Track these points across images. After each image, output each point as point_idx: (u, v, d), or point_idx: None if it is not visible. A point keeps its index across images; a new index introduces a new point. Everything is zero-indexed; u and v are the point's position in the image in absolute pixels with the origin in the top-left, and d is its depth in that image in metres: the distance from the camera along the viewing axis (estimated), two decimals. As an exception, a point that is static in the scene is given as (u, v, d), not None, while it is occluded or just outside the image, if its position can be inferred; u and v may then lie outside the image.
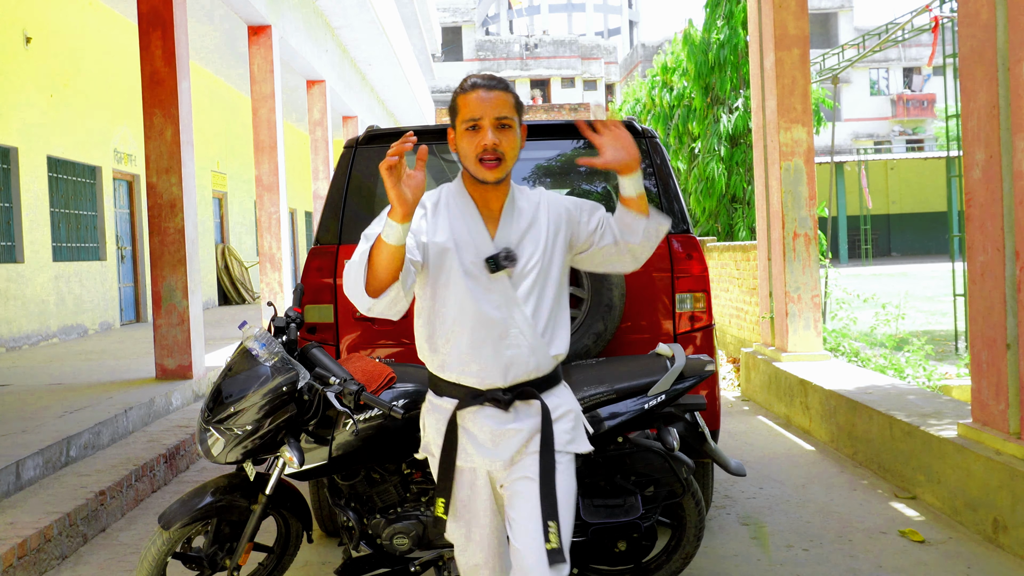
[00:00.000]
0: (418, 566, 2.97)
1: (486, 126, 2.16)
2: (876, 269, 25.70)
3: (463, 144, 2.20)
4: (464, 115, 2.18)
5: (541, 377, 2.25)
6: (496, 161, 2.17)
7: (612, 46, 50.55)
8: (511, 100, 2.21)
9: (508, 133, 2.19)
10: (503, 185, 2.25)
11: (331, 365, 2.82)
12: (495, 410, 2.22)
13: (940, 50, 12.84)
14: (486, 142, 2.15)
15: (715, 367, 3.20)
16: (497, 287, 2.20)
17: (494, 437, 2.22)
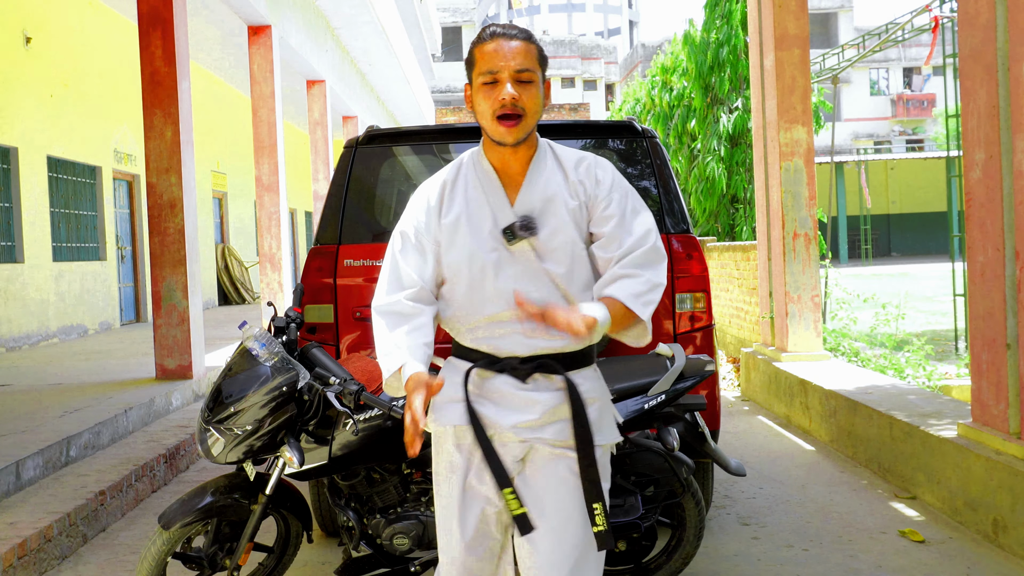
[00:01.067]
0: (418, 566, 2.97)
1: (505, 79, 1.95)
2: (876, 269, 25.70)
3: (479, 100, 1.99)
4: (481, 67, 1.98)
5: (567, 353, 2.03)
6: (515, 119, 1.96)
7: (612, 46, 50.57)
8: (534, 51, 2.00)
9: (529, 88, 1.97)
10: (526, 147, 2.04)
11: (331, 365, 2.82)
12: (512, 378, 2.03)
13: (940, 50, 12.85)
14: (504, 96, 1.94)
15: (715, 367, 3.20)
16: (521, 258, 2.01)
17: (507, 399, 2.02)
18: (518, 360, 2.02)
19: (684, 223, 3.89)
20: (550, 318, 1.85)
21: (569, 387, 2.01)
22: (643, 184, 3.96)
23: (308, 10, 12.82)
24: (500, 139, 1.99)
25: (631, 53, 44.33)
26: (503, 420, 2.02)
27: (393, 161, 4.08)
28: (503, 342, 2.03)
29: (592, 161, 2.10)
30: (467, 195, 2.06)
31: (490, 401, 2.04)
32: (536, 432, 2.02)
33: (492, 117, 1.97)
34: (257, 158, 10.86)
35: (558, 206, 2.02)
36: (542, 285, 2.01)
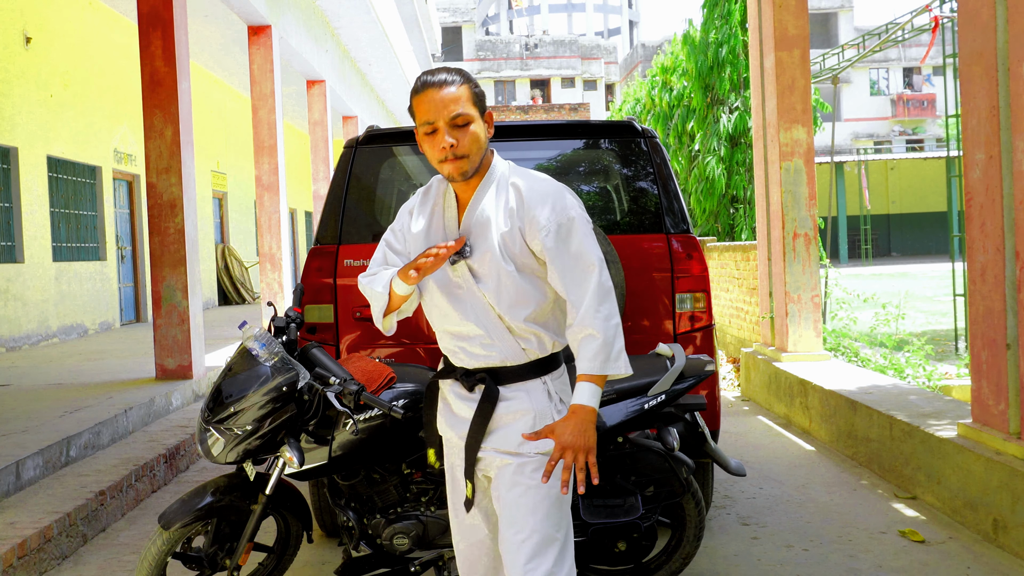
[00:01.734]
0: (418, 566, 2.97)
1: (441, 127, 2.10)
2: (876, 269, 25.70)
3: (425, 147, 2.15)
4: (420, 118, 2.12)
5: (509, 367, 2.19)
6: (455, 159, 2.11)
7: (612, 46, 50.55)
8: (465, 93, 2.11)
9: (466, 132, 2.11)
10: (476, 177, 2.19)
11: (331, 365, 2.82)
12: (460, 387, 2.25)
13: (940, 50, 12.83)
14: (443, 144, 2.09)
15: (715, 367, 3.20)
16: (462, 277, 2.18)
17: (455, 407, 2.27)
18: (463, 371, 2.23)
19: (684, 223, 3.89)
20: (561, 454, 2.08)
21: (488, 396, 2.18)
22: (643, 184, 3.96)
23: (308, 10, 12.82)
24: (449, 177, 2.15)
25: (631, 53, 44.33)
26: (453, 430, 2.27)
27: (393, 161, 4.08)
28: (455, 355, 2.25)
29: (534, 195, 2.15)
30: (432, 212, 2.27)
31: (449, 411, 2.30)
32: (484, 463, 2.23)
33: (438, 162, 2.14)
34: (257, 158, 10.86)
35: (490, 231, 2.15)
36: (477, 304, 2.18)
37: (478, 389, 2.22)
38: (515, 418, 2.19)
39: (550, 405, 2.22)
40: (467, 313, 2.18)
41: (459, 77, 2.13)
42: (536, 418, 2.19)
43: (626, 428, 2.94)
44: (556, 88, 47.85)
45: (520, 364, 2.19)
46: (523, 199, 2.14)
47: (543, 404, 2.21)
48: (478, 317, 2.17)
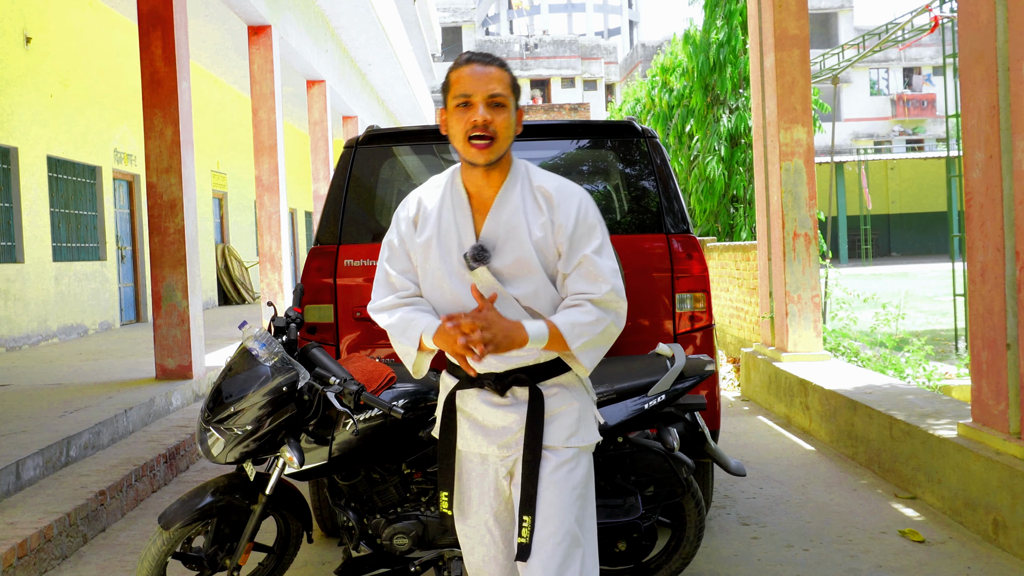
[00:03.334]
0: (418, 566, 2.97)
1: (477, 102, 2.04)
2: (876, 269, 25.70)
3: (453, 122, 2.08)
4: (456, 91, 2.07)
5: (543, 363, 2.13)
6: (487, 140, 2.04)
7: (612, 46, 50.55)
8: (506, 78, 2.09)
9: (501, 112, 2.06)
10: (498, 172, 2.11)
11: (331, 365, 2.82)
12: (490, 394, 2.15)
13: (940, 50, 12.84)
14: (476, 118, 2.03)
15: (715, 367, 3.20)
16: (487, 283, 2.09)
17: (488, 418, 2.15)
18: (494, 376, 2.13)
19: (684, 223, 3.88)
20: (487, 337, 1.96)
21: (533, 398, 2.11)
22: (643, 184, 3.96)
23: (308, 10, 12.82)
24: (472, 160, 2.06)
25: (631, 53, 44.33)
26: (489, 440, 2.16)
27: (393, 161, 4.07)
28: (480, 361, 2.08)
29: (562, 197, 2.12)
30: (440, 217, 2.15)
31: (475, 425, 2.18)
32: (519, 444, 2.13)
33: (464, 138, 2.05)
34: (257, 158, 10.86)
35: (521, 235, 2.09)
36: (507, 307, 2.09)
37: (511, 393, 2.13)
38: (559, 413, 2.14)
39: (588, 397, 2.22)
40: None
41: (503, 63, 2.12)
42: (581, 411, 2.17)
43: (626, 428, 2.94)
44: (556, 88, 47.86)
45: (552, 359, 2.14)
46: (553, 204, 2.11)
47: (583, 396, 2.20)
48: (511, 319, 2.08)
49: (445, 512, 2.24)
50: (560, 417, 2.14)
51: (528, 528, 2.08)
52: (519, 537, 2.08)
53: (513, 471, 2.16)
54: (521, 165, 2.17)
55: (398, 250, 2.20)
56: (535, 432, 2.10)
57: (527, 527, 2.08)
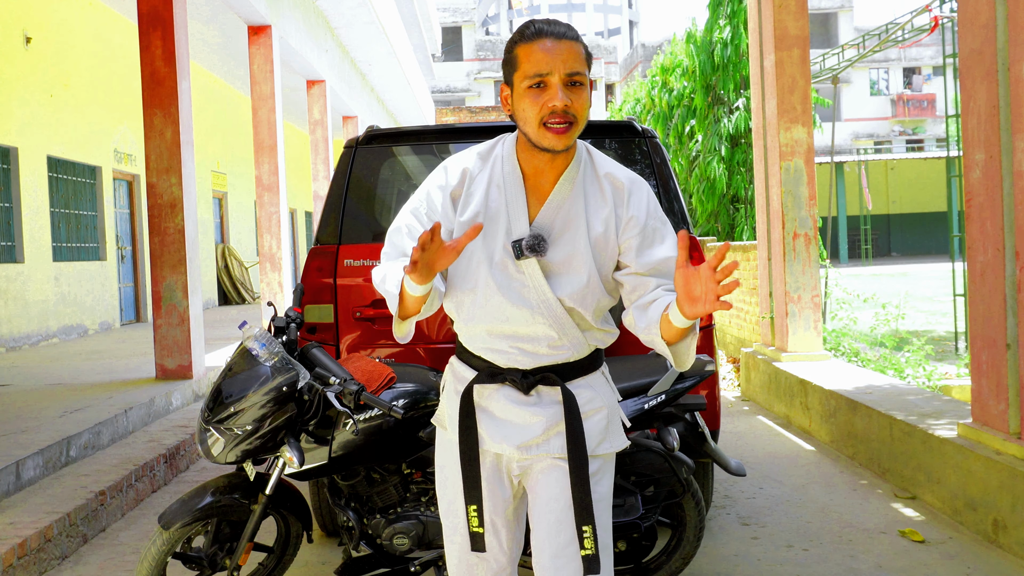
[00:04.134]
0: (418, 566, 2.97)
1: (555, 83, 1.79)
2: (876, 269, 25.70)
3: (524, 105, 1.82)
4: (527, 69, 1.80)
5: (571, 363, 1.96)
6: (566, 125, 1.80)
7: (612, 46, 50.54)
8: (583, 52, 1.83)
9: (580, 92, 1.81)
10: (563, 156, 1.89)
11: (331, 365, 2.82)
12: (513, 390, 1.96)
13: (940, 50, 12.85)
14: (556, 103, 1.78)
15: (715, 367, 3.20)
16: (529, 274, 1.89)
17: (508, 415, 1.96)
18: (520, 373, 1.95)
19: (684, 223, 3.88)
20: (701, 284, 1.69)
21: (567, 402, 1.93)
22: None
23: (308, 10, 12.82)
24: (549, 146, 1.83)
25: (631, 53, 44.32)
26: (508, 441, 1.97)
27: (393, 161, 4.07)
28: (506, 355, 1.95)
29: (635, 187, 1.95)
30: (488, 195, 1.93)
31: (493, 420, 1.99)
32: (541, 448, 1.96)
33: (539, 124, 1.82)
34: (257, 158, 10.86)
35: (579, 228, 1.90)
36: (548, 305, 1.90)
37: (535, 392, 1.95)
38: (589, 417, 1.97)
39: (615, 397, 2.07)
40: (536, 314, 1.90)
41: (578, 34, 1.84)
42: (610, 414, 2.01)
43: (626, 428, 2.94)
44: (556, 88, 47.76)
45: (583, 358, 1.98)
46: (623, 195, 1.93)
47: (611, 397, 2.04)
48: (549, 318, 1.91)
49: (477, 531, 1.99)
50: (589, 422, 1.98)
51: (591, 539, 1.91)
52: (583, 549, 1.92)
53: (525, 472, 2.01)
54: (583, 148, 1.96)
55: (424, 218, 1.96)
56: (577, 436, 1.92)
57: (589, 538, 1.91)
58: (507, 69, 1.87)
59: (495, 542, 2.05)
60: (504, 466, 2.02)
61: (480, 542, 2.00)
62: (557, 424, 1.96)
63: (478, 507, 1.98)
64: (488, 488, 2.02)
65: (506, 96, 1.89)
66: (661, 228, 1.94)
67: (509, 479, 2.03)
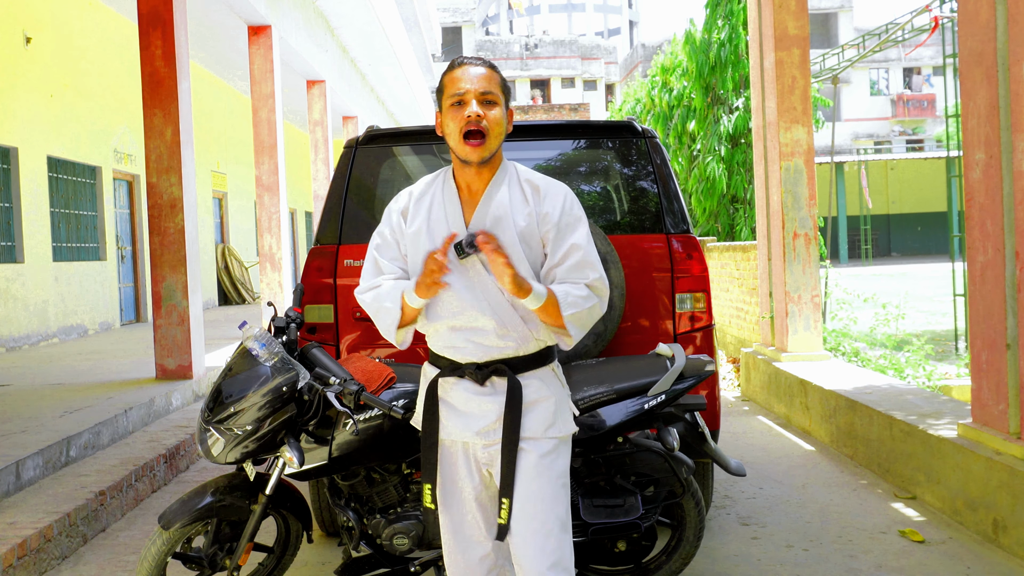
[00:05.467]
0: (418, 566, 2.97)
1: (470, 99, 2.18)
2: (876, 269, 25.69)
3: (448, 121, 2.21)
4: (449, 91, 2.21)
5: (521, 356, 2.26)
6: (480, 137, 2.17)
7: (612, 46, 50.56)
8: (497, 78, 2.24)
9: (493, 109, 2.20)
10: (488, 169, 2.25)
11: (331, 365, 2.82)
12: (471, 383, 2.27)
13: (940, 50, 12.84)
14: (470, 113, 2.16)
15: (715, 367, 3.20)
16: (472, 271, 2.22)
17: (467, 406, 2.26)
18: (475, 366, 2.25)
19: (684, 223, 3.88)
20: (500, 267, 2.11)
21: (511, 386, 2.22)
22: (643, 184, 3.96)
23: (308, 10, 12.82)
24: (466, 157, 2.19)
25: (631, 53, 44.32)
26: (468, 429, 2.26)
27: (393, 161, 4.07)
28: (463, 350, 2.25)
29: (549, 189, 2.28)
30: (430, 210, 2.28)
31: (455, 412, 2.29)
32: (497, 432, 2.24)
33: (459, 135, 2.18)
34: (257, 158, 10.86)
35: (507, 224, 2.22)
36: (491, 296, 2.22)
37: (490, 383, 2.25)
38: (536, 404, 2.26)
39: (564, 391, 2.35)
40: (482, 306, 2.22)
41: (494, 65, 2.27)
42: (557, 403, 2.30)
43: (626, 428, 2.94)
44: (556, 88, 47.86)
45: (531, 353, 2.27)
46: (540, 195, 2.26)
47: (559, 389, 2.33)
48: (494, 309, 2.22)
49: (429, 507, 2.33)
50: (537, 408, 2.26)
51: (507, 509, 2.21)
52: (498, 519, 2.23)
53: (491, 460, 2.26)
54: (510, 165, 2.32)
55: (388, 240, 2.34)
56: (513, 419, 2.21)
57: (506, 508, 2.21)
58: (437, 96, 2.28)
59: (476, 528, 2.32)
60: (472, 456, 2.30)
61: (432, 517, 2.38)
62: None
63: (432, 486, 2.32)
64: (462, 477, 2.31)
65: (439, 121, 2.27)
66: (573, 224, 2.26)
67: (477, 467, 2.30)
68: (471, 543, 2.33)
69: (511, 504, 2.22)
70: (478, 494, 2.31)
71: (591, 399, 2.85)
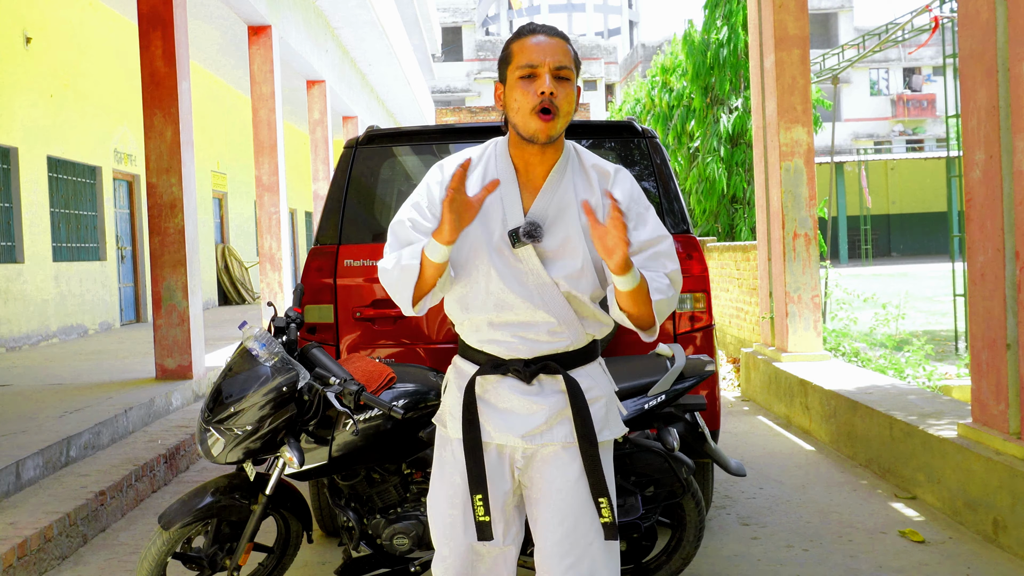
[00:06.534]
0: (418, 566, 2.97)
1: (544, 73, 1.94)
2: (876, 269, 25.70)
3: (515, 94, 1.97)
4: (520, 60, 1.96)
5: (571, 352, 2.05)
6: (552, 114, 1.94)
7: (612, 46, 50.54)
8: (571, 52, 2.00)
9: (566, 86, 1.97)
10: (552, 150, 2.03)
11: (331, 365, 2.82)
12: (516, 381, 2.04)
13: (940, 50, 12.85)
14: (544, 88, 1.93)
15: (715, 367, 3.20)
16: (526, 261, 2.00)
17: (511, 405, 2.04)
18: (522, 363, 2.03)
19: (684, 223, 3.88)
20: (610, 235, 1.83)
21: (571, 387, 2.02)
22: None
23: (308, 10, 12.82)
24: (533, 135, 1.97)
25: (631, 53, 44.31)
26: (511, 431, 2.03)
27: (393, 161, 4.08)
28: (508, 345, 2.03)
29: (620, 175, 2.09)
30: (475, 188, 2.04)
31: (496, 412, 2.05)
32: (545, 436, 2.03)
33: (529, 111, 1.95)
34: (257, 158, 10.86)
35: (571, 215, 2.02)
36: (546, 291, 2.00)
37: (537, 381, 2.03)
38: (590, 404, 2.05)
39: (612, 387, 2.16)
40: (535, 300, 2.00)
41: (567, 36, 2.03)
42: (607, 402, 2.11)
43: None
44: (556, 88, 47.75)
45: (582, 347, 2.08)
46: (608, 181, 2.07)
47: (608, 386, 2.14)
48: (547, 304, 2.00)
49: (483, 520, 2.04)
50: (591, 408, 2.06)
51: (608, 507, 2.01)
52: (602, 518, 2.01)
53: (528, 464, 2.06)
54: (571, 145, 2.11)
55: (425, 212, 2.06)
56: (584, 416, 2.01)
57: (606, 507, 2.01)
58: (502, 67, 2.03)
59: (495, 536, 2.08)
60: (507, 458, 2.07)
61: (488, 531, 2.05)
62: (559, 412, 2.03)
63: (484, 496, 2.03)
64: (490, 481, 2.06)
65: (499, 93, 2.04)
66: (644, 213, 2.07)
67: (511, 472, 2.08)
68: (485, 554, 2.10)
69: (610, 502, 2.01)
70: (506, 500, 2.08)
71: (591, 399, 2.84)
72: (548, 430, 2.03)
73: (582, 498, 2.02)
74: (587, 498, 2.03)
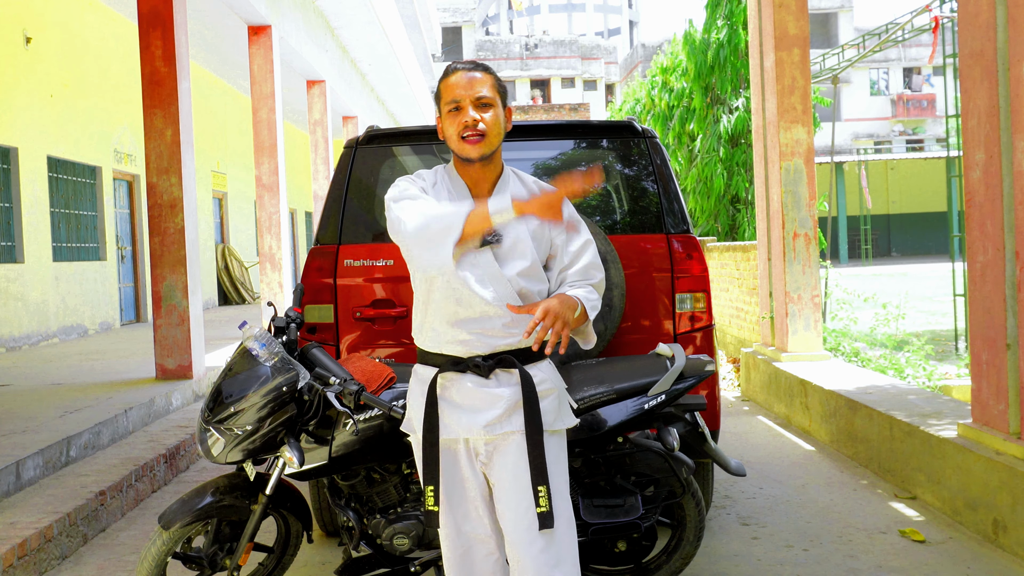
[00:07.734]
0: (418, 566, 2.97)
1: (466, 106, 2.25)
2: (876, 269, 25.70)
3: (447, 127, 2.29)
4: (446, 97, 2.28)
5: (524, 348, 2.28)
6: (478, 136, 2.24)
7: (612, 46, 50.56)
8: (490, 81, 2.30)
9: (489, 111, 2.27)
10: (492, 166, 2.32)
11: (331, 365, 2.82)
12: (476, 376, 2.27)
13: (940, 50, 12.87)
14: (466, 119, 2.24)
15: (715, 367, 3.20)
16: (482, 262, 2.24)
17: (473, 400, 2.26)
18: (480, 358, 2.26)
19: (684, 223, 3.88)
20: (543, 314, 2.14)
21: (524, 378, 2.25)
22: (643, 184, 3.96)
23: (308, 10, 12.82)
24: (466, 155, 2.27)
25: (631, 53, 44.32)
26: (474, 424, 2.25)
27: (393, 161, 4.08)
28: (467, 343, 2.26)
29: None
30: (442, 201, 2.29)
31: (458, 408, 2.27)
32: (505, 425, 2.25)
33: (458, 138, 2.27)
34: (257, 158, 10.86)
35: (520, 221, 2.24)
36: (501, 287, 2.24)
37: (494, 375, 2.25)
38: (544, 396, 2.29)
39: (562, 383, 2.40)
40: (492, 297, 2.23)
41: (487, 67, 2.34)
42: (559, 395, 2.35)
43: (626, 428, 2.94)
44: (556, 88, 47.85)
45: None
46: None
47: (559, 381, 2.38)
48: (501, 299, 2.23)
49: (432, 509, 2.29)
50: (545, 400, 2.29)
51: (545, 497, 2.20)
52: (538, 507, 2.20)
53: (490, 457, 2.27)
54: (509, 169, 2.39)
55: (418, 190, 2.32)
56: (533, 407, 2.23)
57: (544, 496, 2.20)
58: (436, 103, 2.35)
59: (481, 526, 2.32)
60: (473, 451, 2.29)
61: (435, 520, 2.31)
62: (517, 403, 2.26)
63: (435, 487, 2.29)
64: (466, 476, 2.30)
65: (440, 126, 2.34)
66: (578, 223, 2.38)
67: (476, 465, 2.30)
68: (475, 542, 2.32)
69: (548, 491, 2.21)
70: (483, 491, 2.30)
71: (591, 399, 2.85)
72: (508, 419, 2.25)
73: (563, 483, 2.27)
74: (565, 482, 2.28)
